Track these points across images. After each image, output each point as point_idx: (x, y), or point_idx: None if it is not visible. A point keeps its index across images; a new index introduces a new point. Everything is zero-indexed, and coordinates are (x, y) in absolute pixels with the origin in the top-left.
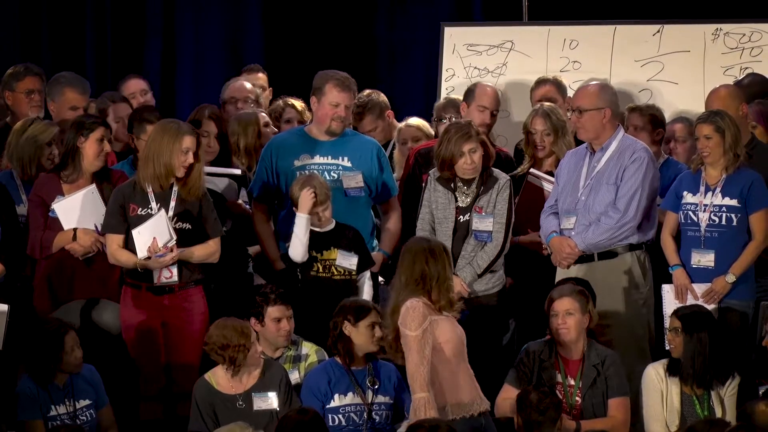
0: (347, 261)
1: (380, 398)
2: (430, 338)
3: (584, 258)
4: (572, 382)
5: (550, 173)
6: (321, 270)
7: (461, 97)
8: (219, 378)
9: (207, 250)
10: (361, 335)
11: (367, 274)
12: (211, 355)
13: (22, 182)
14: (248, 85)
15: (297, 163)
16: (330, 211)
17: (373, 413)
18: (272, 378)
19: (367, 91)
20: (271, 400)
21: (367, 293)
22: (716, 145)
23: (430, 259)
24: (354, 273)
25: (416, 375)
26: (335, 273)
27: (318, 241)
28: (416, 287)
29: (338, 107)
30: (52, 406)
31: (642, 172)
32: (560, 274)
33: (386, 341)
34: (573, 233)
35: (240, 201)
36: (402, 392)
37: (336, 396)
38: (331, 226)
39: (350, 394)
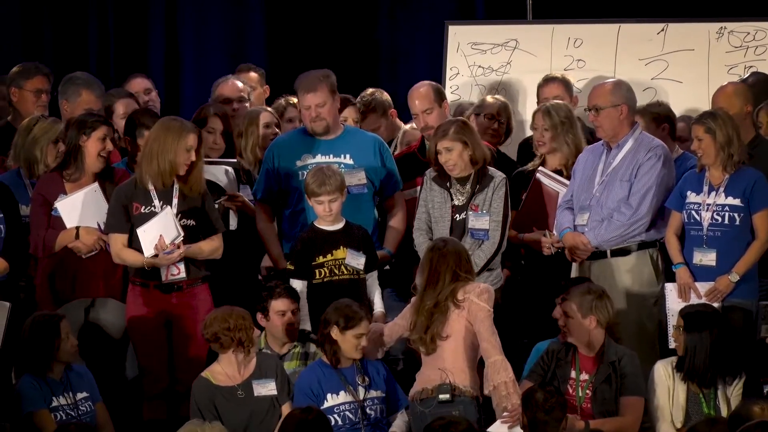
0: (356, 260)
1: (372, 393)
2: None
3: (597, 254)
4: (585, 377)
5: (558, 171)
6: (327, 274)
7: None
8: (217, 373)
9: (213, 245)
10: (346, 342)
11: (375, 273)
12: (216, 344)
13: (30, 182)
14: (240, 84)
15: (299, 163)
16: (339, 204)
17: (368, 409)
18: (268, 367)
19: (370, 90)
20: (271, 386)
21: (377, 294)
22: (708, 146)
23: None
24: (362, 272)
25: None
26: (344, 272)
27: (326, 241)
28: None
29: (309, 109)
30: (53, 398)
31: (657, 170)
32: (575, 270)
33: (416, 339)
34: (586, 229)
35: (240, 194)
36: (392, 384)
37: (329, 396)
38: (341, 224)
39: (342, 393)
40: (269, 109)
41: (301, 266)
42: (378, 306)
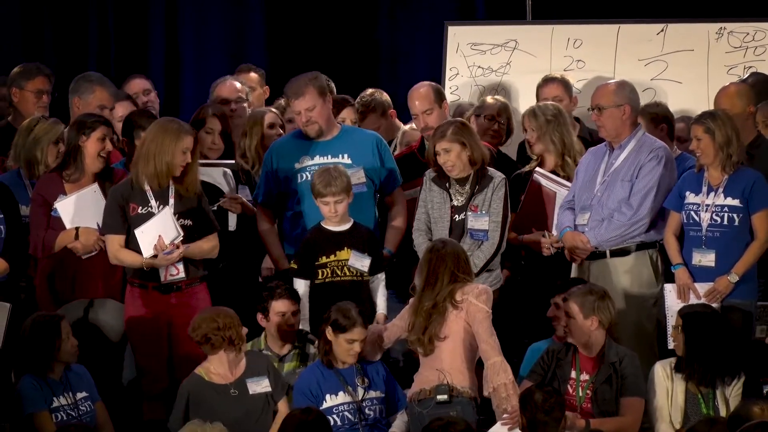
0: (360, 262)
1: (371, 393)
2: None
3: (596, 255)
4: (586, 378)
5: (554, 172)
6: (329, 275)
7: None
8: (210, 371)
9: (210, 244)
10: (338, 346)
11: (382, 276)
12: (207, 346)
13: (30, 182)
14: (238, 84)
15: (297, 165)
16: (344, 206)
17: (367, 409)
18: (259, 366)
19: (369, 91)
20: (265, 384)
21: (382, 295)
22: (707, 146)
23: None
24: (365, 274)
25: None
26: (346, 274)
27: (331, 241)
28: (464, 281)
29: (300, 115)
30: (54, 398)
31: (658, 171)
32: (574, 271)
33: (414, 340)
34: (586, 229)
35: (240, 196)
36: (392, 384)
37: (327, 396)
38: (347, 225)
39: (341, 394)
40: (274, 110)
41: (305, 266)
42: (381, 308)
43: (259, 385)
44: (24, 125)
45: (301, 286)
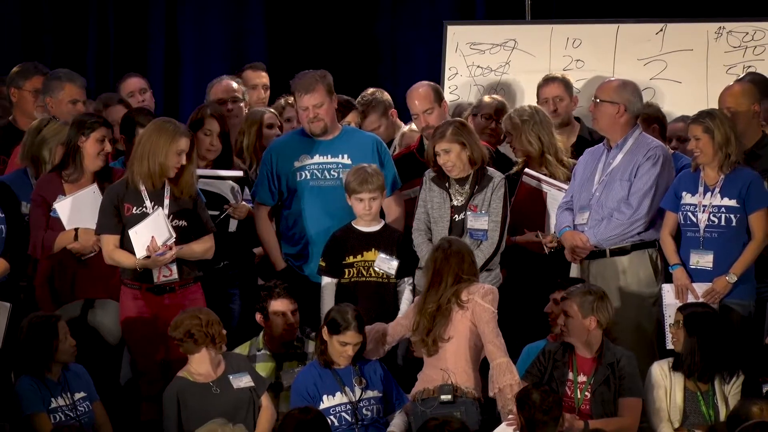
0: (386, 264)
1: (368, 393)
2: None
3: (596, 254)
4: (584, 379)
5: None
6: (355, 275)
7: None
8: (192, 373)
9: (205, 246)
10: (332, 347)
11: (409, 279)
12: (189, 342)
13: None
14: (234, 84)
15: (297, 164)
16: (378, 204)
17: (364, 409)
18: (237, 362)
19: (370, 90)
20: (247, 379)
21: (406, 299)
22: (706, 146)
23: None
24: (392, 277)
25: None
26: (372, 275)
27: (359, 241)
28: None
29: (307, 110)
30: (52, 399)
31: (656, 170)
32: (574, 269)
33: (417, 341)
34: (586, 228)
35: (243, 201)
36: (390, 384)
37: (324, 397)
38: (377, 226)
39: (338, 394)
40: (272, 110)
41: (332, 264)
42: (402, 313)
43: (242, 381)
44: (34, 125)
45: (326, 282)
